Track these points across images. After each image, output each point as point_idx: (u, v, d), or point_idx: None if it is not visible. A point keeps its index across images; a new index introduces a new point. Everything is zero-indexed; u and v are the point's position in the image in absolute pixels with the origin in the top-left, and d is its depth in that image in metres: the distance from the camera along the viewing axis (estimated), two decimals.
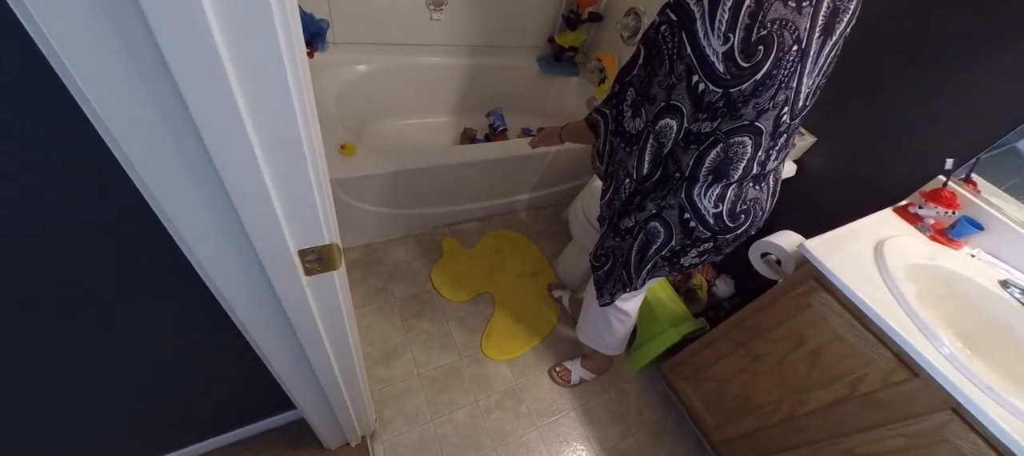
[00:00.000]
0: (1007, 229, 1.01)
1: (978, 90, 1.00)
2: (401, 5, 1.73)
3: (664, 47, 0.67)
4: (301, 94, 0.34)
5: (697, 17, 0.62)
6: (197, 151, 0.33)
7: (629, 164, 0.83)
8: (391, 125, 2.03)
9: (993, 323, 0.96)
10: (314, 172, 0.40)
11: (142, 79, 0.28)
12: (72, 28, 0.25)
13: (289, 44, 0.31)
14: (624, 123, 0.79)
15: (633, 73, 0.75)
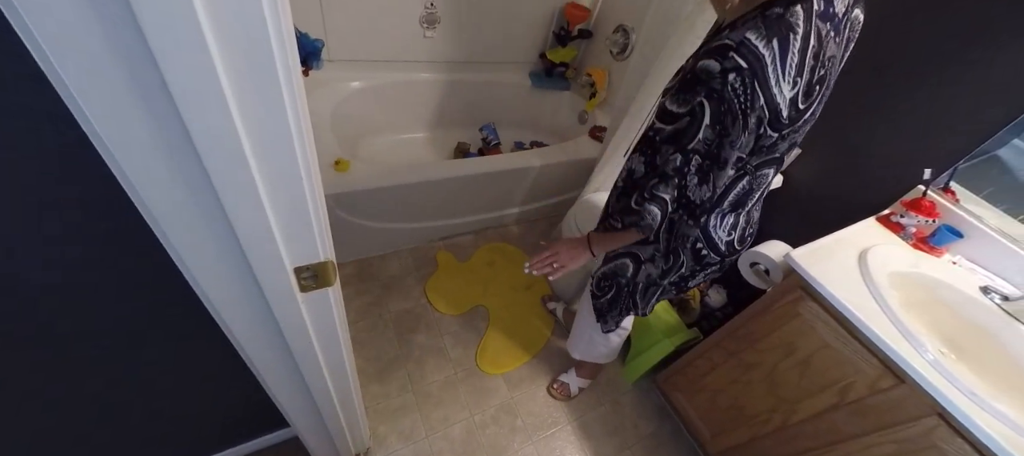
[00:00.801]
0: (986, 236, 1.04)
1: (951, 103, 1.04)
2: (395, 23, 1.77)
3: (735, 101, 0.57)
4: (297, 116, 0.36)
5: (768, 62, 0.55)
6: (196, 172, 0.34)
7: (692, 235, 0.76)
8: (385, 140, 2.05)
9: (977, 328, 0.98)
10: (310, 191, 0.41)
11: (145, 100, 0.30)
12: (86, 63, 0.27)
13: (285, 68, 0.32)
14: (690, 194, 0.67)
15: (698, 138, 0.62)
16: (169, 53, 0.27)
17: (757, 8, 0.58)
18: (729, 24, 0.61)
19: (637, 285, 0.97)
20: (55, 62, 0.27)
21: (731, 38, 0.56)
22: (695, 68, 0.58)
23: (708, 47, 0.59)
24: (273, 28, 0.30)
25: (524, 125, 2.28)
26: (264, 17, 0.29)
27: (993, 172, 1.04)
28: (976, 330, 0.98)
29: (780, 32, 0.55)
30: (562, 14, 2.07)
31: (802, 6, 0.56)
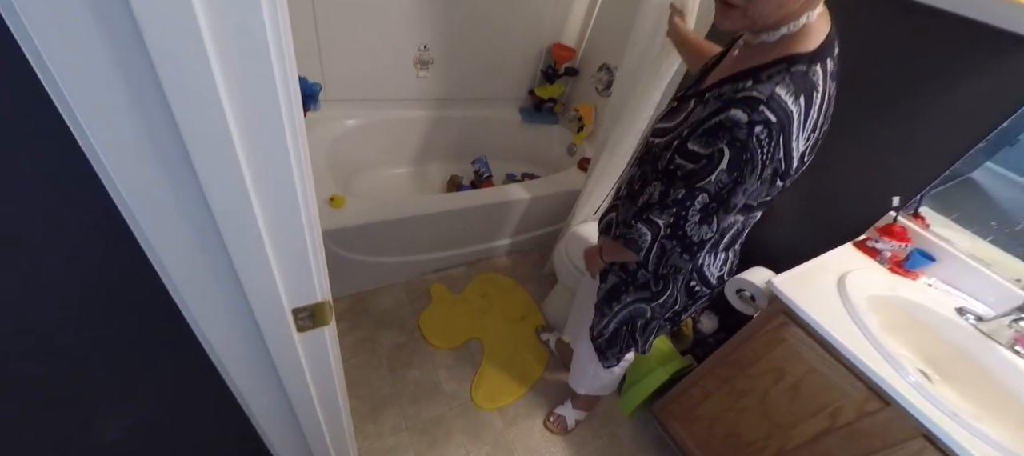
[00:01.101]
0: (957, 259, 1.09)
1: (914, 134, 1.11)
2: (390, 65, 1.84)
3: (759, 151, 0.58)
4: (300, 164, 0.39)
5: (795, 118, 0.57)
6: (202, 214, 0.36)
7: (685, 269, 0.79)
8: (379, 175, 2.09)
9: (956, 349, 1.01)
10: (310, 235, 0.44)
11: (160, 152, 0.32)
12: (109, 120, 0.30)
13: (290, 118, 0.35)
14: (687, 229, 0.69)
15: (710, 179, 0.63)
16: (189, 117, 0.30)
17: (782, 61, 0.59)
18: (749, 71, 0.62)
19: (635, 326, 0.99)
20: (75, 108, 0.30)
21: (760, 91, 0.57)
22: (723, 117, 0.59)
23: (733, 95, 0.60)
24: (281, 84, 0.33)
25: (515, 158, 2.35)
26: (274, 76, 0.32)
27: (966, 195, 1.09)
28: (955, 351, 1.01)
29: (806, 90, 0.57)
30: (549, 54, 2.17)
31: (821, 65, 0.59)
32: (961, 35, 0.98)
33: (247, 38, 0.29)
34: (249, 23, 0.29)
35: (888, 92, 1.13)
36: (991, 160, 1.03)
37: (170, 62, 0.27)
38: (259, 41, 0.30)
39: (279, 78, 0.32)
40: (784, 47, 0.60)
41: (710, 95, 0.67)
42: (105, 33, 0.26)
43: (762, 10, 0.56)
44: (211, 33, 0.27)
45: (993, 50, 0.96)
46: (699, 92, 0.70)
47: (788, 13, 0.57)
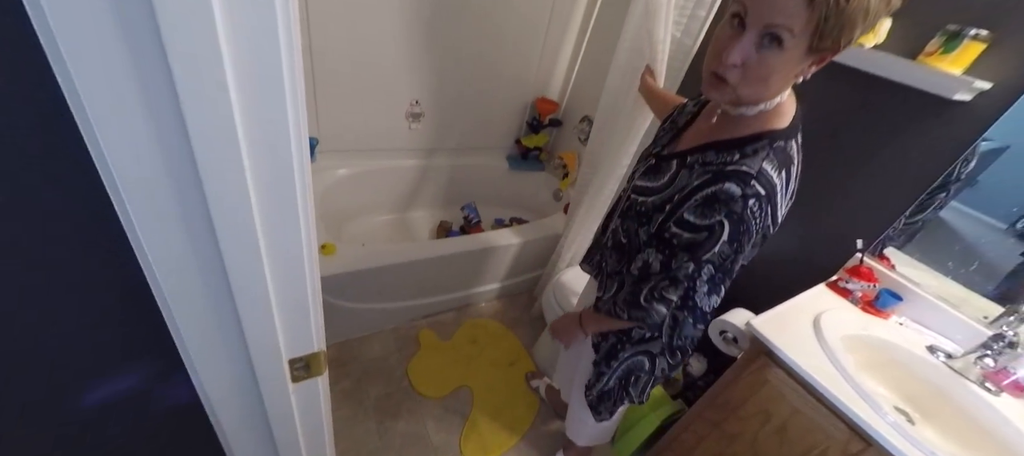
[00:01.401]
0: (922, 299, 1.15)
1: (872, 182, 1.20)
2: (382, 119, 1.93)
3: (753, 222, 0.63)
4: (307, 218, 0.42)
5: (779, 189, 0.63)
6: (216, 271, 0.39)
7: (697, 337, 0.84)
8: (370, 222, 2.12)
9: (931, 387, 1.04)
10: (311, 286, 0.47)
11: (185, 210, 0.35)
12: (153, 202, 0.33)
13: (302, 181, 0.39)
14: (698, 300, 0.74)
15: (714, 251, 0.66)
16: (213, 172, 0.33)
17: (763, 136, 0.64)
18: (732, 142, 0.67)
19: (629, 382, 1.00)
20: (113, 167, 0.33)
21: (749, 166, 0.62)
22: (718, 189, 0.63)
23: (723, 167, 0.65)
24: (296, 151, 0.37)
25: (503, 203, 2.42)
26: (290, 139, 0.36)
27: (935, 236, 1.15)
28: (931, 389, 1.04)
29: (786, 164, 0.64)
30: (534, 107, 2.30)
31: (795, 140, 0.67)
32: (900, 98, 1.10)
33: (273, 129, 0.34)
34: (275, 126, 0.33)
35: (846, 146, 1.24)
36: (956, 200, 1.10)
37: (206, 148, 0.32)
38: (282, 133, 0.34)
39: (296, 156, 0.36)
40: (763, 122, 0.66)
41: (693, 160, 0.71)
42: (154, 135, 0.31)
43: (750, 91, 0.62)
44: (242, 118, 0.32)
45: (928, 111, 1.07)
46: (680, 154, 0.75)
47: (769, 94, 0.64)
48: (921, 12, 1.05)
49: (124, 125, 0.30)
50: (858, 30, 0.54)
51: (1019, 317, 1.00)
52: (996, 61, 0.97)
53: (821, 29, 0.53)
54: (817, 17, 0.52)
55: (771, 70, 0.58)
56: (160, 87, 0.29)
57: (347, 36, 1.63)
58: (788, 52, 0.56)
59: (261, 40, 0.30)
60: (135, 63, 0.28)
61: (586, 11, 2.08)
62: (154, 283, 0.39)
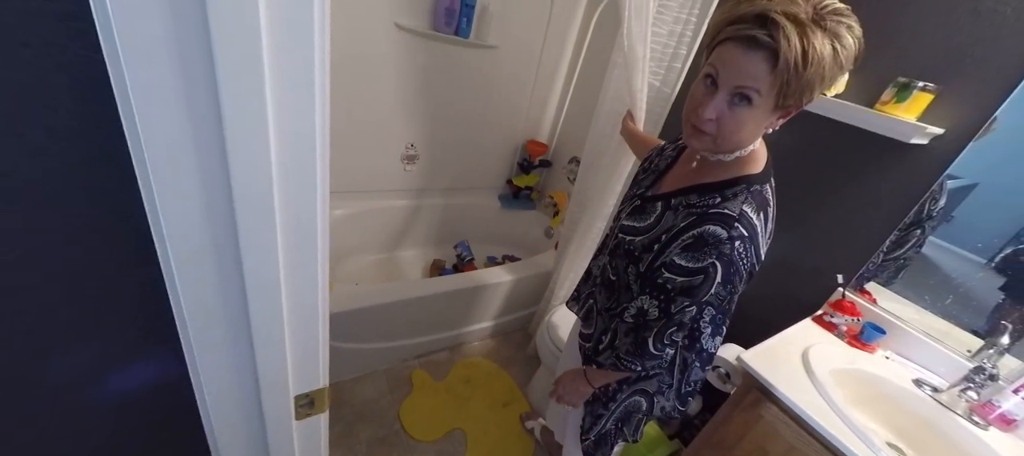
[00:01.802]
0: (905, 332, 1.18)
1: (848, 220, 1.27)
2: (378, 162, 1.99)
3: (742, 262, 0.67)
4: (324, 267, 0.45)
5: (759, 230, 0.68)
6: (239, 308, 0.41)
7: (702, 379, 0.87)
8: (364, 260, 2.13)
9: (921, 421, 1.06)
10: (322, 321, 0.48)
11: (220, 264, 0.38)
12: (193, 249, 0.36)
13: (323, 236, 0.42)
14: (703, 342, 0.77)
15: (711, 292, 0.69)
16: (251, 246, 0.37)
17: (741, 180, 0.70)
18: (713, 186, 0.72)
19: (635, 417, 0.99)
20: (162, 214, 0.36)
21: (731, 208, 0.67)
22: (704, 231, 0.67)
23: (706, 210, 0.69)
24: (321, 213, 0.41)
25: (496, 241, 2.45)
26: (316, 210, 0.39)
27: (916, 270, 1.20)
28: (921, 422, 1.06)
29: (763, 206, 0.69)
30: (524, 148, 2.39)
31: (769, 184, 0.73)
32: (865, 143, 1.19)
33: (304, 173, 0.37)
34: (305, 182, 0.37)
35: (822, 187, 1.32)
36: (935, 236, 1.16)
37: (247, 202, 0.35)
38: (310, 189, 0.38)
39: (320, 211, 0.40)
40: (739, 168, 0.72)
41: (677, 202, 0.76)
42: (197, 179, 0.34)
43: (725, 141, 0.68)
44: (278, 171, 0.35)
45: (890, 154, 1.16)
46: (664, 196, 0.80)
47: (743, 143, 0.70)
48: (873, 66, 1.17)
49: (180, 194, 0.33)
50: (817, 91, 0.61)
51: (998, 350, 1.02)
52: (945, 109, 1.07)
53: (784, 90, 0.59)
54: (780, 81, 0.58)
55: (742, 124, 0.64)
56: (215, 163, 0.33)
57: (346, 86, 1.72)
58: (756, 108, 0.62)
59: (302, 122, 0.35)
60: (196, 144, 0.32)
61: (571, 62, 2.22)
62: (181, 321, 0.41)
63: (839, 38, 0.57)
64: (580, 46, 2.16)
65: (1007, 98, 1.00)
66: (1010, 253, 1.08)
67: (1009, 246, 1.07)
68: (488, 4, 1.80)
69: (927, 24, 1.09)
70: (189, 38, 0.29)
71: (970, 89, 1.04)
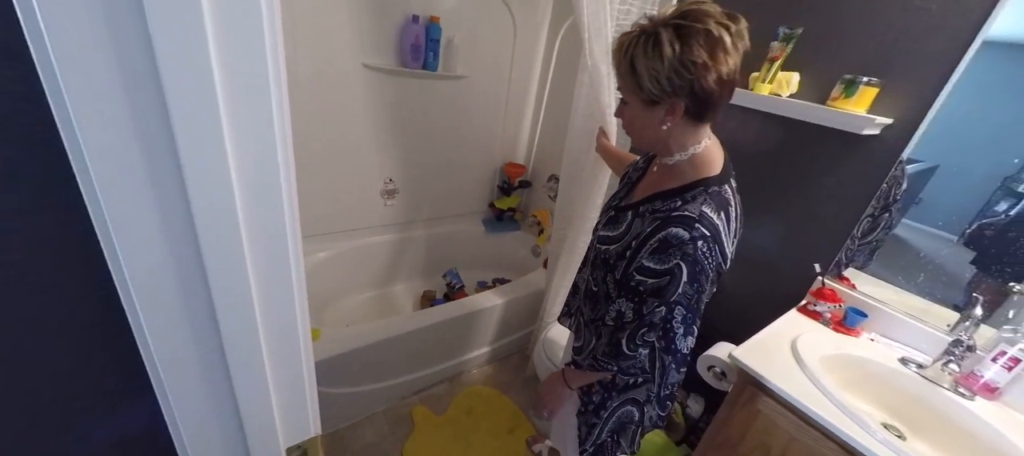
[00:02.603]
0: (885, 313, 1.22)
1: (818, 210, 1.32)
2: (358, 200, 1.99)
3: (707, 261, 0.69)
4: (302, 295, 0.45)
5: (722, 229, 0.71)
6: (215, 358, 0.41)
7: (680, 381, 0.87)
8: (352, 301, 2.10)
9: (911, 398, 1.08)
10: (306, 365, 0.48)
11: (189, 309, 0.38)
12: (158, 290, 0.36)
13: (297, 264, 0.42)
14: (677, 343, 0.77)
15: (679, 292, 0.71)
16: (223, 288, 0.37)
17: (699, 184, 0.73)
18: (674, 191, 0.75)
19: (630, 428, 0.99)
20: (130, 281, 0.36)
21: (691, 210, 0.70)
22: (667, 234, 0.70)
23: (669, 213, 0.72)
24: (292, 245, 0.41)
25: (484, 265, 2.45)
26: (286, 226, 0.40)
27: (891, 252, 1.25)
28: (911, 399, 1.08)
29: (724, 206, 0.72)
30: (502, 171, 2.42)
31: (728, 184, 0.76)
32: (824, 137, 1.25)
33: (271, 224, 0.38)
34: (273, 216, 0.38)
35: (790, 182, 1.37)
36: (906, 217, 1.22)
37: (216, 257, 0.36)
38: (279, 226, 0.39)
39: (292, 250, 0.40)
40: (696, 172, 0.75)
41: (644, 209, 0.80)
42: (166, 239, 0.34)
43: (635, 140, 0.78)
44: (245, 218, 0.36)
45: (848, 146, 1.23)
46: (633, 205, 0.83)
47: (657, 139, 0.76)
48: (820, 66, 1.25)
49: (139, 229, 0.34)
50: (657, 85, 0.67)
51: (973, 321, 1.06)
52: (891, 100, 1.14)
53: (630, 86, 0.71)
54: (623, 82, 0.72)
55: (631, 120, 0.77)
56: (174, 194, 0.33)
57: (317, 125, 1.73)
58: (631, 108, 0.74)
59: (263, 150, 0.35)
60: (152, 179, 0.32)
61: (540, 84, 2.29)
62: (153, 370, 0.40)
63: (655, 42, 0.65)
64: (547, 67, 2.22)
65: (945, 85, 1.08)
66: (975, 228, 1.13)
67: (975, 222, 1.12)
68: (452, 37, 1.85)
69: (865, 23, 1.17)
70: (144, 102, 0.30)
71: (910, 80, 1.12)
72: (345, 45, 1.66)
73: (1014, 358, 1.00)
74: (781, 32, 1.22)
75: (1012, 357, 1.00)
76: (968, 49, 1.03)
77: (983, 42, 1.02)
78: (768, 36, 1.24)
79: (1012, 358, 1.00)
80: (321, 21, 1.58)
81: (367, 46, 1.71)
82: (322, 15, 1.57)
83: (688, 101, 0.68)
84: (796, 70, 1.25)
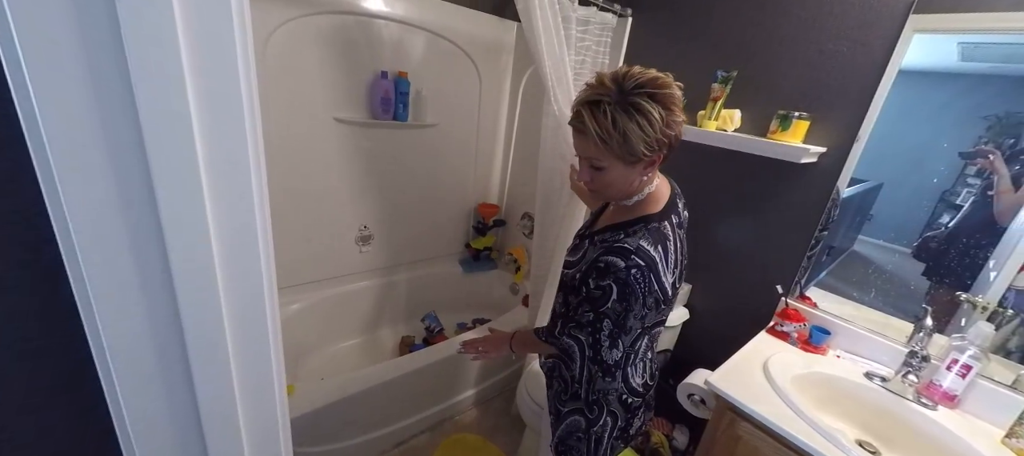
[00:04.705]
0: (846, 329, 1.28)
1: (771, 235, 1.40)
2: (332, 248, 1.97)
3: (638, 286, 0.76)
4: (280, 369, 0.45)
5: (659, 261, 0.78)
6: (191, 427, 0.40)
7: (612, 390, 0.93)
8: (328, 352, 2.04)
9: (880, 411, 1.12)
10: (284, 435, 0.48)
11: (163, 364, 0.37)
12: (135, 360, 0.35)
13: (273, 325, 0.42)
14: (602, 354, 0.84)
15: (607, 306, 0.79)
16: (198, 356, 0.37)
17: (640, 221, 0.82)
18: (620, 225, 0.84)
19: (575, 435, 1.01)
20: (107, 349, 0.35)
21: (628, 243, 0.77)
22: (606, 260, 0.78)
23: (611, 244, 0.80)
24: (269, 302, 0.42)
25: (463, 306, 2.43)
26: (264, 301, 0.41)
27: (850, 268, 1.31)
28: (879, 412, 1.12)
29: (661, 240, 0.79)
30: (476, 212, 2.46)
31: (668, 221, 0.83)
32: (768, 167, 1.34)
33: (251, 295, 0.39)
34: (252, 282, 0.39)
35: (742, 210, 1.47)
36: (862, 233, 1.30)
37: (194, 322, 0.36)
38: (255, 271, 0.40)
39: (269, 307, 0.41)
40: (640, 210, 0.84)
41: (598, 238, 0.88)
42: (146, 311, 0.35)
43: (610, 194, 0.84)
44: (223, 281, 0.37)
45: (790, 173, 1.33)
46: (591, 235, 0.91)
47: (626, 195, 0.83)
48: (757, 103, 1.38)
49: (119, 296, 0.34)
50: (653, 143, 0.73)
51: (926, 332, 1.11)
52: (822, 130, 1.27)
53: (619, 153, 0.74)
54: (607, 148, 0.74)
55: (607, 184, 0.80)
56: (153, 255, 0.34)
57: (289, 178, 1.73)
58: (611, 170, 0.78)
59: (240, 205, 0.37)
60: (133, 243, 0.33)
61: (507, 126, 2.37)
62: (123, 433, 0.39)
63: (644, 113, 0.71)
64: (512, 112, 2.31)
65: (866, 113, 1.20)
66: (921, 241, 1.20)
67: (922, 235, 1.20)
68: (421, 89, 1.92)
69: (790, 65, 1.32)
70: (128, 162, 0.31)
71: (835, 111, 1.25)
72: (316, 102, 1.70)
73: (966, 365, 1.06)
74: (719, 74, 1.34)
75: (964, 364, 1.06)
76: (880, 81, 1.16)
77: (899, 71, 1.14)
78: (709, 78, 1.36)
79: (964, 365, 1.06)
80: (292, 81, 1.62)
81: (338, 101, 1.75)
82: (293, 75, 1.61)
83: (665, 152, 0.77)
84: (737, 107, 1.38)
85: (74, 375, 0.40)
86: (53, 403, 0.41)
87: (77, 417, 0.43)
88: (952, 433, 1.01)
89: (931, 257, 1.20)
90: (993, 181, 1.07)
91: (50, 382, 0.40)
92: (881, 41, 1.15)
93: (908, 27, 1.11)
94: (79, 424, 0.43)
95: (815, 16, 1.25)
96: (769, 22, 1.33)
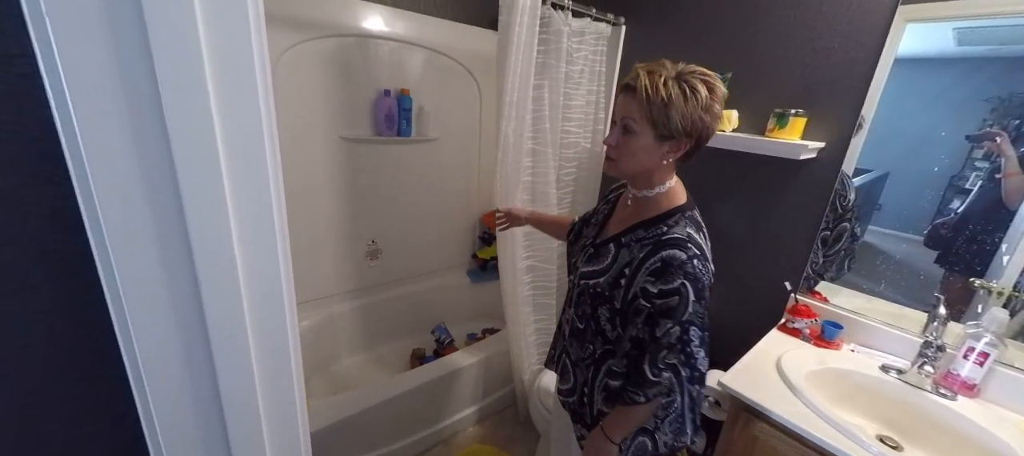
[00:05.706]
0: (859, 323, 1.26)
1: (776, 233, 1.40)
2: (341, 264, 1.99)
3: (704, 276, 0.74)
4: (301, 392, 0.46)
5: (706, 247, 0.78)
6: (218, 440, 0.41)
7: (702, 403, 0.89)
8: (339, 368, 2.04)
9: (899, 405, 1.10)
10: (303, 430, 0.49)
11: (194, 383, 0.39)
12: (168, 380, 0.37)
13: (296, 353, 0.44)
14: (700, 366, 0.79)
15: (689, 311, 0.74)
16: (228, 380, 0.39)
17: (676, 211, 0.80)
18: (656, 219, 0.81)
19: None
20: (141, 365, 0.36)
21: (679, 232, 0.76)
22: (664, 256, 0.75)
23: (659, 238, 0.77)
24: (290, 326, 0.44)
25: (472, 317, 2.43)
26: (286, 327, 0.42)
27: (862, 260, 1.29)
28: (898, 406, 1.10)
29: (699, 228, 0.80)
30: (481, 222, 2.47)
31: (696, 211, 0.83)
32: (770, 164, 1.35)
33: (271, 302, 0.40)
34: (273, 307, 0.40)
35: (746, 209, 1.47)
36: (872, 224, 1.27)
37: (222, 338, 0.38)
38: (277, 302, 0.41)
39: (290, 329, 0.42)
40: (669, 202, 0.82)
41: (627, 239, 0.84)
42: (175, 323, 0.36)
43: (627, 165, 0.80)
44: (247, 297, 0.38)
45: (791, 170, 1.34)
46: (613, 238, 0.87)
47: (645, 169, 0.80)
48: (753, 103, 1.39)
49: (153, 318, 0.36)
50: (690, 124, 0.74)
51: (940, 321, 1.09)
52: (820, 126, 1.28)
53: (654, 119, 0.74)
54: (645, 110, 0.74)
55: (633, 150, 0.78)
56: (184, 281, 0.36)
57: (298, 196, 1.77)
58: (639, 136, 0.77)
59: (264, 238, 0.41)
60: (164, 264, 0.35)
61: None
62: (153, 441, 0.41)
63: (692, 87, 0.73)
64: None
65: (863, 104, 1.20)
66: (932, 229, 1.18)
67: (932, 222, 1.18)
68: (423, 105, 1.96)
69: (782, 64, 1.33)
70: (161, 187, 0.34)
71: (831, 106, 1.26)
72: (323, 121, 1.74)
73: (983, 353, 1.04)
74: None
75: (981, 352, 1.04)
76: (875, 72, 1.17)
77: (896, 60, 1.15)
78: None
79: (981, 353, 1.04)
80: (299, 103, 1.66)
81: (344, 120, 1.80)
82: (300, 97, 1.66)
83: (691, 144, 0.78)
84: (734, 108, 1.39)
85: (103, 354, 0.42)
86: (80, 394, 0.43)
87: (105, 409, 0.44)
88: (974, 423, 0.99)
89: (943, 244, 1.18)
90: (1000, 164, 1.06)
91: (80, 375, 0.43)
92: (872, 34, 1.16)
93: (899, 17, 1.12)
94: (107, 410, 0.45)
95: (804, 15, 1.27)
96: (760, 23, 1.35)
